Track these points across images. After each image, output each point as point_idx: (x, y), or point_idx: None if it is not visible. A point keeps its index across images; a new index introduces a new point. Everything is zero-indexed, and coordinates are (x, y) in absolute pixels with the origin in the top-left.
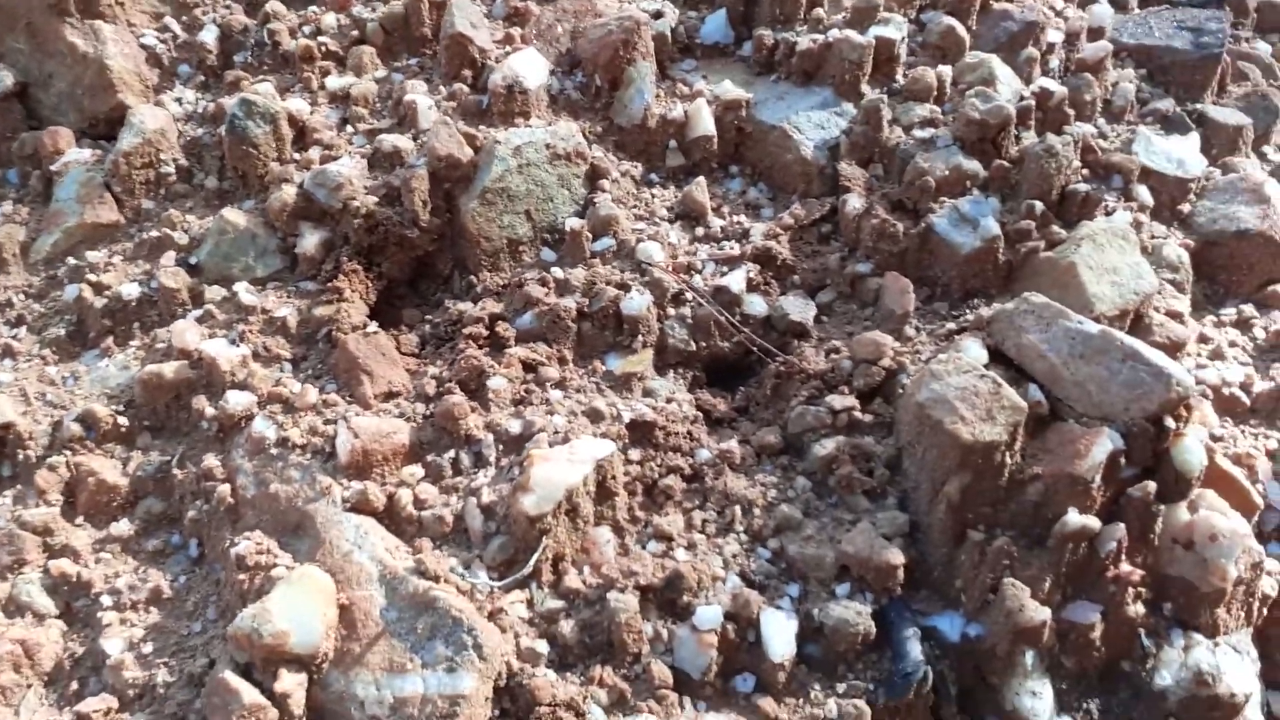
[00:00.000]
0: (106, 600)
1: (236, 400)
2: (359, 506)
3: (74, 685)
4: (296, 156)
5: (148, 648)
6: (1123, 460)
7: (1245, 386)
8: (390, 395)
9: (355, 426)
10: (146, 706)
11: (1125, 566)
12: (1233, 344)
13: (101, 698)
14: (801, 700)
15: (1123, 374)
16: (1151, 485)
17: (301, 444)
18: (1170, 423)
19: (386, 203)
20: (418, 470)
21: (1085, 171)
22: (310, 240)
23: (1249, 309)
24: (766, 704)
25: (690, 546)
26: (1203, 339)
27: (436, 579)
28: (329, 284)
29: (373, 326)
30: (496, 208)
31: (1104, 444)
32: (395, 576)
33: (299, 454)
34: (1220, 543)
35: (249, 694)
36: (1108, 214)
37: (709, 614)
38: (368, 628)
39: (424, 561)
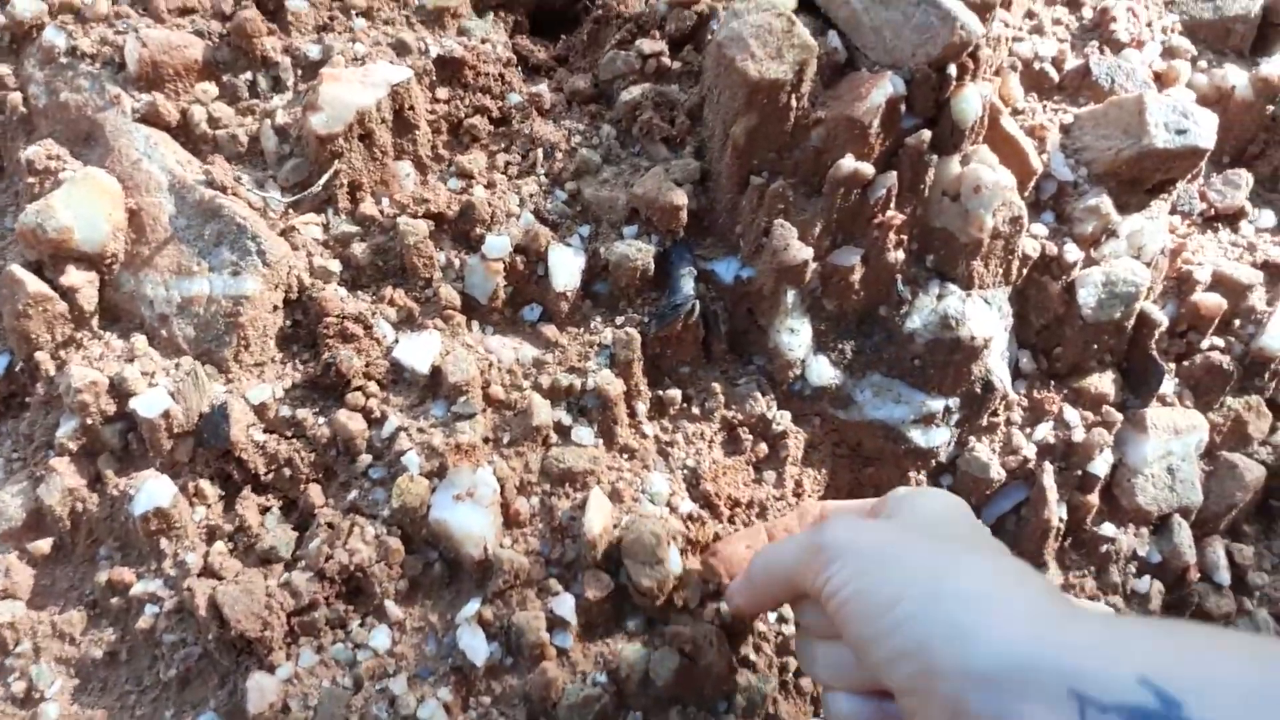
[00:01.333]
0: None
1: (25, 6)
2: (149, 118)
3: None
4: None
5: None
6: (904, 108)
7: (1057, 63)
8: (185, 11)
9: (144, 37)
10: None
11: (891, 212)
12: (1057, 21)
13: None
14: (582, 329)
15: (915, 18)
16: (927, 134)
17: (92, 53)
18: (953, 71)
19: None
20: (212, 89)
21: None
22: None
23: None
24: (549, 330)
25: (490, 185)
26: (1030, 14)
27: (224, 189)
28: None
29: None
30: None
31: (884, 87)
32: (184, 185)
33: (89, 63)
34: (982, 194)
35: (34, 284)
36: None
37: (498, 243)
38: (156, 233)
39: (213, 173)
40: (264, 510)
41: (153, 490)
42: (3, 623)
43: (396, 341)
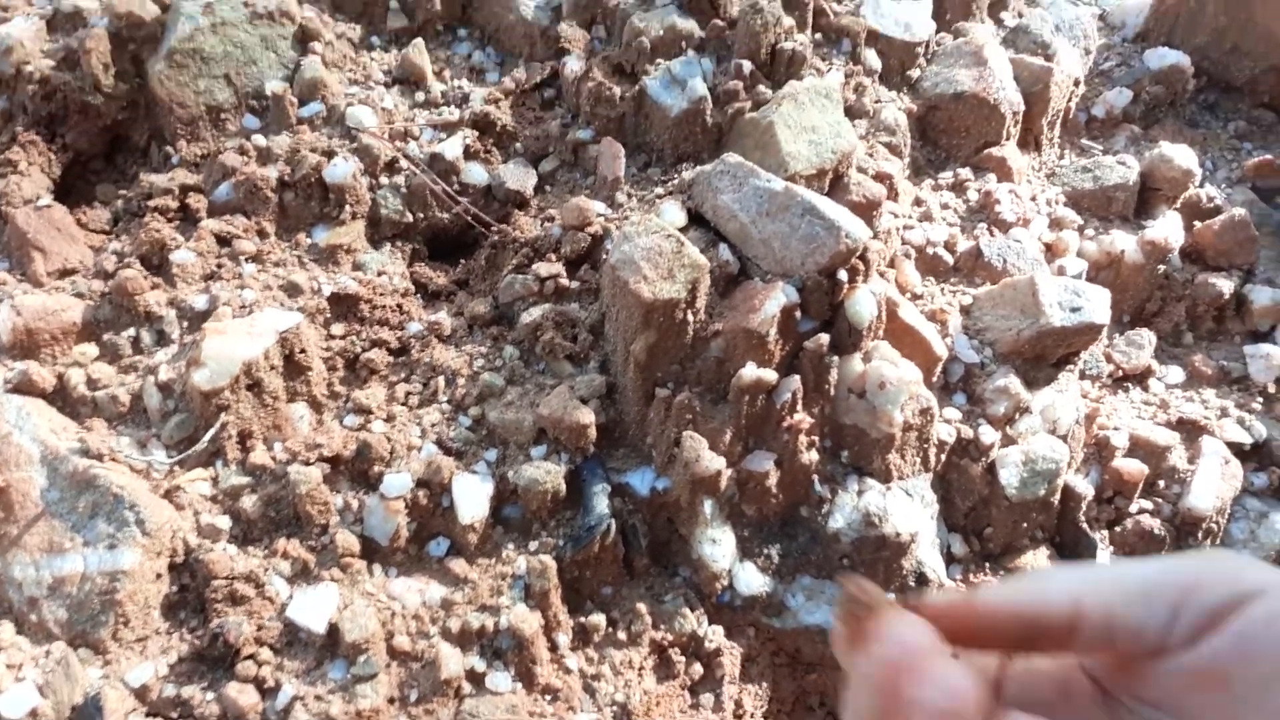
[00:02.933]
0: None
1: None
2: (21, 387)
3: None
4: None
5: None
6: (799, 314)
7: (949, 246)
8: (66, 273)
9: (19, 305)
10: None
11: (799, 415)
12: (945, 206)
13: None
14: (493, 560)
15: (801, 229)
16: (825, 338)
17: None
18: (843, 275)
19: (66, 67)
20: (92, 349)
21: (818, 35)
22: None
23: (965, 172)
24: (458, 565)
25: (389, 419)
26: (918, 202)
27: (100, 457)
28: (2, 155)
29: (47, 200)
30: (189, 71)
31: (778, 297)
32: (57, 456)
33: None
34: (888, 390)
35: None
36: (820, 75)
37: (398, 481)
38: (26, 509)
39: (87, 440)
40: None
41: None
42: None
43: (291, 598)
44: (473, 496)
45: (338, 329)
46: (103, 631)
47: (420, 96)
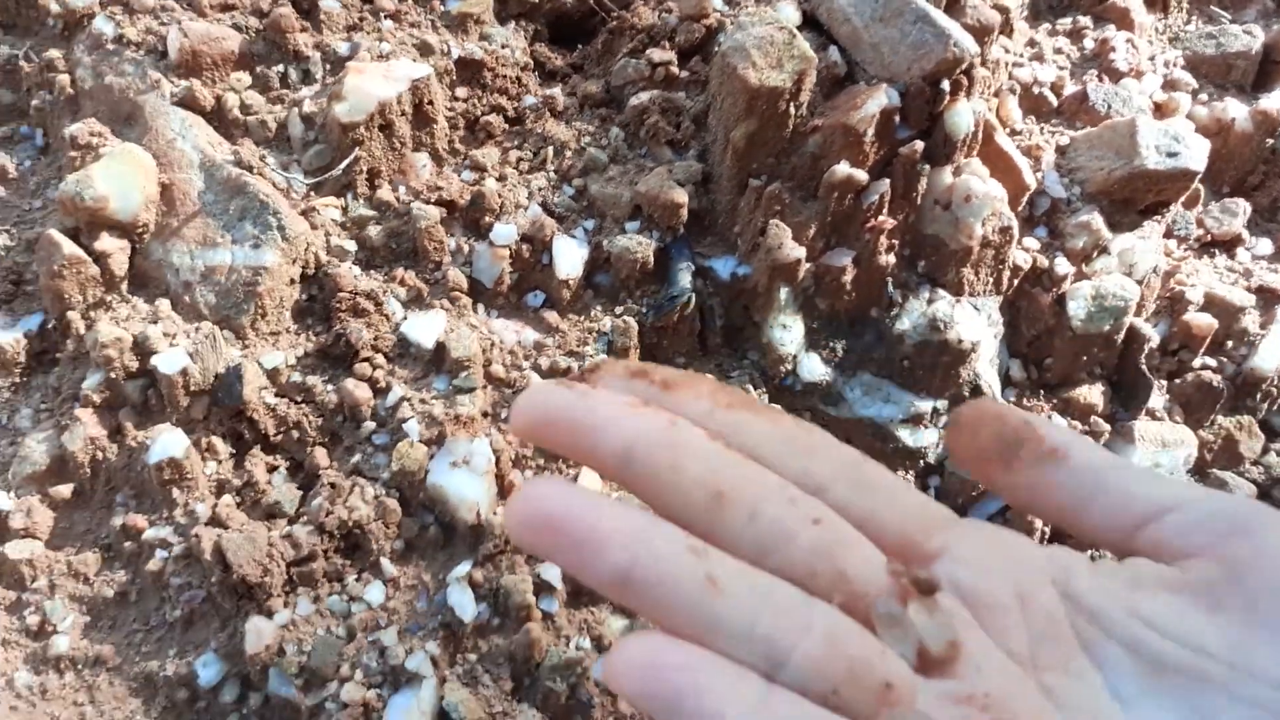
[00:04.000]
0: None
1: None
2: (186, 102)
3: None
4: None
5: None
6: (898, 119)
7: (1056, 88)
8: (227, 7)
9: (186, 28)
10: None
11: (883, 218)
12: (1059, 51)
13: None
14: (582, 317)
15: (912, 35)
16: (920, 145)
17: (137, 41)
18: (946, 86)
19: None
20: (246, 78)
21: None
22: None
23: (1086, 20)
24: (551, 316)
25: (501, 178)
26: (1031, 43)
27: (250, 169)
28: None
29: None
30: None
31: (879, 98)
32: (214, 164)
33: (134, 50)
34: (973, 203)
35: (70, 247)
36: None
37: (505, 231)
38: (186, 206)
39: (240, 154)
40: (271, 469)
41: (167, 442)
42: (22, 559)
43: (405, 318)
44: (570, 256)
45: (461, 91)
46: (244, 319)
47: None
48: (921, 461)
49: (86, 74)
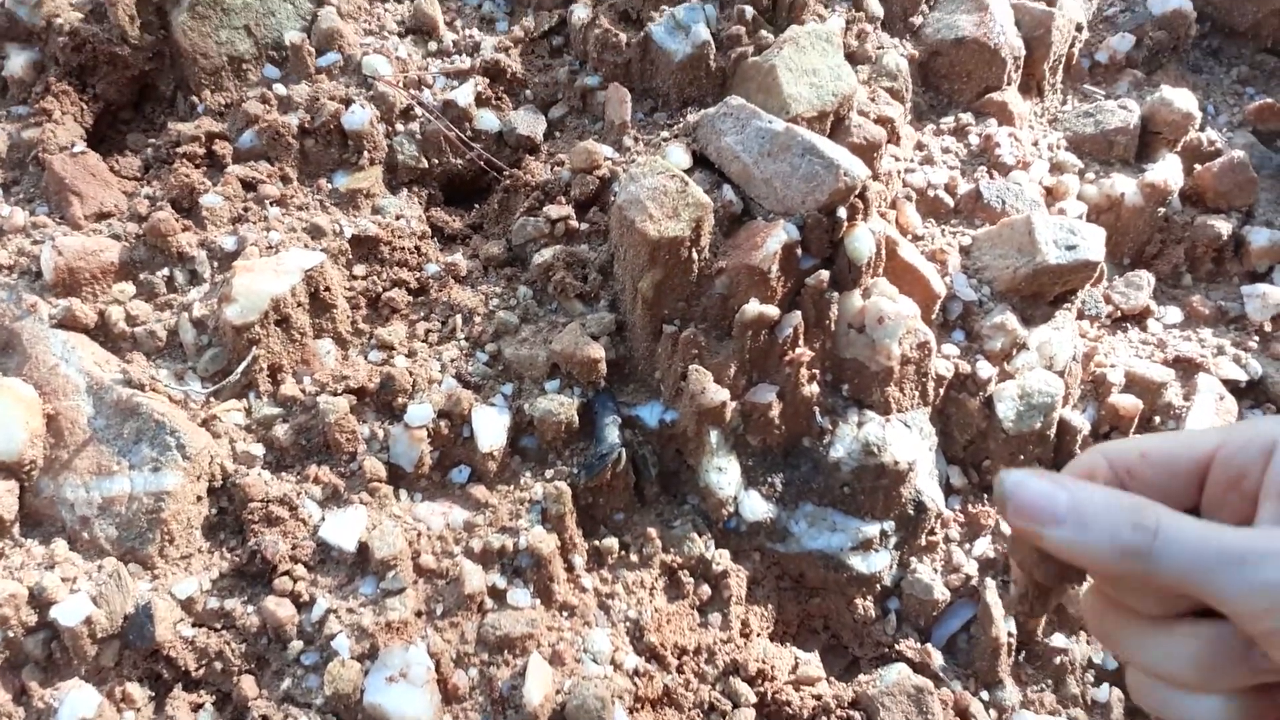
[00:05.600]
0: None
1: None
2: (66, 323)
3: None
4: None
5: None
6: (800, 251)
7: (950, 188)
8: (102, 216)
9: (60, 245)
10: None
11: (800, 349)
12: (946, 150)
13: None
14: (512, 487)
15: (802, 168)
16: (826, 274)
17: (9, 265)
18: (843, 213)
19: (93, 19)
20: (129, 288)
21: None
22: (17, 61)
23: (967, 117)
24: (479, 491)
25: (411, 354)
26: (919, 146)
27: (142, 387)
28: (37, 105)
29: (81, 146)
30: (210, 22)
31: (779, 235)
32: (102, 386)
33: (6, 275)
34: (886, 324)
35: None
36: (822, 20)
37: (420, 411)
38: (75, 435)
39: (130, 371)
40: (196, 707)
41: (77, 701)
42: None
43: (323, 520)
44: (492, 427)
45: (359, 269)
46: (150, 548)
47: (433, 45)
48: (878, 585)
49: None
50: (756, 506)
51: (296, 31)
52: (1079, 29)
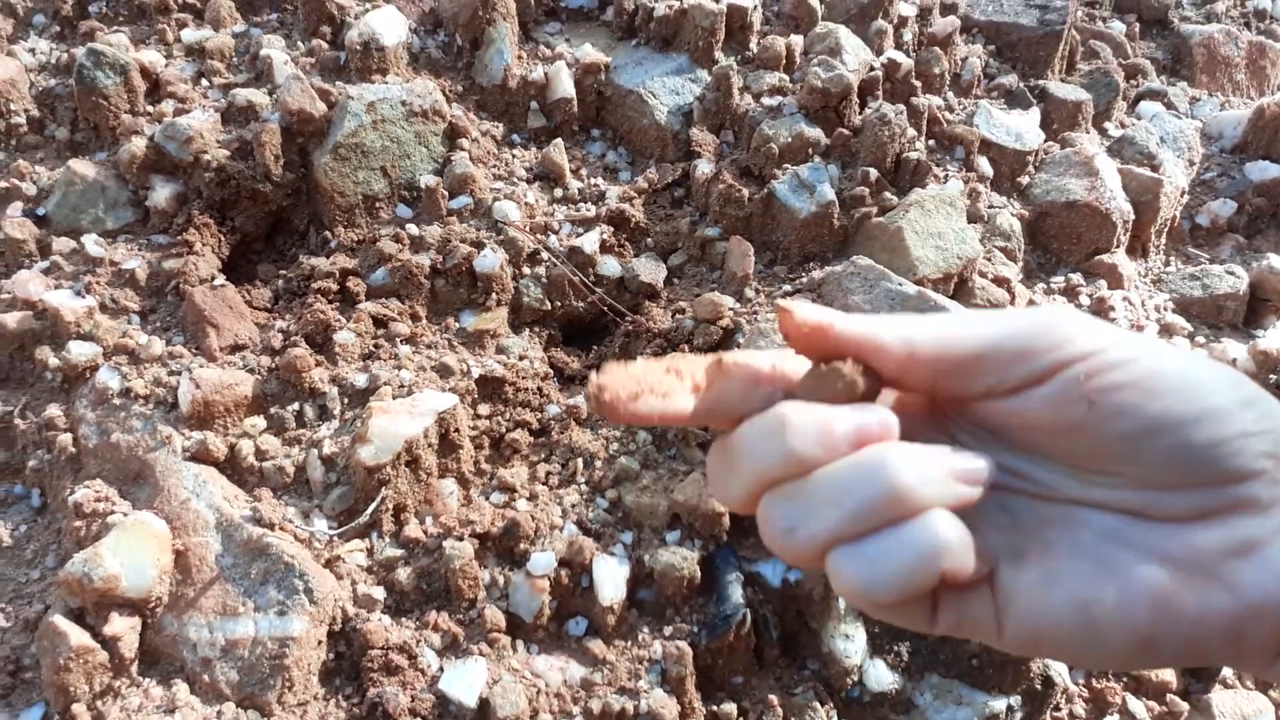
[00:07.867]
0: None
1: (80, 351)
2: (199, 456)
3: None
4: (149, 109)
5: None
6: None
7: None
8: (237, 348)
9: (197, 378)
10: None
11: None
12: None
13: None
14: (630, 643)
15: None
16: None
17: (145, 394)
18: None
19: (239, 157)
20: (260, 422)
21: (931, 142)
22: (161, 193)
23: (1077, 277)
24: (596, 646)
25: (532, 497)
26: (1031, 304)
27: (271, 526)
28: (179, 237)
29: (221, 279)
30: (350, 163)
31: None
32: (231, 524)
33: (142, 404)
34: None
35: (77, 636)
36: (941, 182)
37: (543, 560)
38: (202, 573)
39: (260, 510)
40: None
41: None
42: None
43: (441, 670)
44: (612, 578)
45: (484, 409)
46: (270, 694)
47: (559, 193)
48: None
49: (90, 430)
50: (883, 676)
51: (430, 174)
52: (1182, 193)
